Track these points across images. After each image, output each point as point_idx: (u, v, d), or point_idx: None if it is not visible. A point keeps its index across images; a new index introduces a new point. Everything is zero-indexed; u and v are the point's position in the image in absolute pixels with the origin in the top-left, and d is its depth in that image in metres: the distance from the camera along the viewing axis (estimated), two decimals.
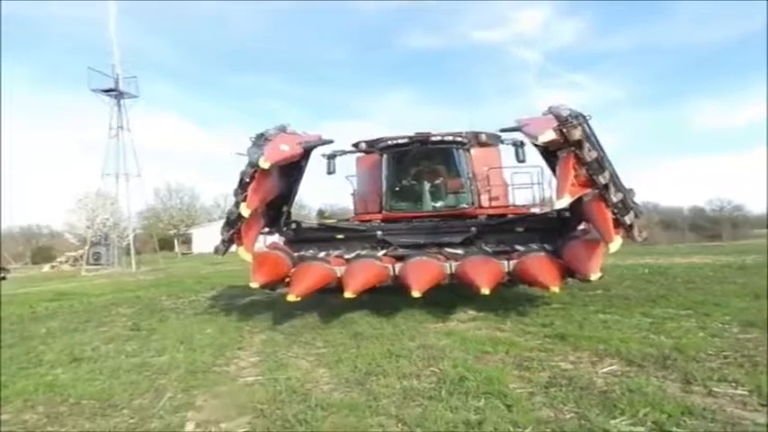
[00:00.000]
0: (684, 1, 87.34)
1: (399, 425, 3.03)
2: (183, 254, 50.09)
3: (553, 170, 6.78)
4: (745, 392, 3.32)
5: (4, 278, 24.83)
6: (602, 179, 5.51)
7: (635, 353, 4.35)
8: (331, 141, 7.85)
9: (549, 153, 6.55)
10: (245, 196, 5.94)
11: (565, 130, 5.26)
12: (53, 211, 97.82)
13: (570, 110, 5.49)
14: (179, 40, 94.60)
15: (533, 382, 3.73)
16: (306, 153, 7.19)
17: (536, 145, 6.51)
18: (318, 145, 7.52)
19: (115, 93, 27.60)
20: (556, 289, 5.89)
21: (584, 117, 5.47)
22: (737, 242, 34.76)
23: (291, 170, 7.27)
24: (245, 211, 5.90)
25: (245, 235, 6.41)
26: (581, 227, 7.14)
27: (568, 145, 5.43)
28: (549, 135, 5.31)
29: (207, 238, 49.41)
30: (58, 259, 35.95)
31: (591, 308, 6.69)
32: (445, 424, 2.96)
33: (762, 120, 76.86)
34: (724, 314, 5.92)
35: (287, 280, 6.61)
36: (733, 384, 3.48)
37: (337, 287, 6.45)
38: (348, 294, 5.97)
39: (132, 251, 29.08)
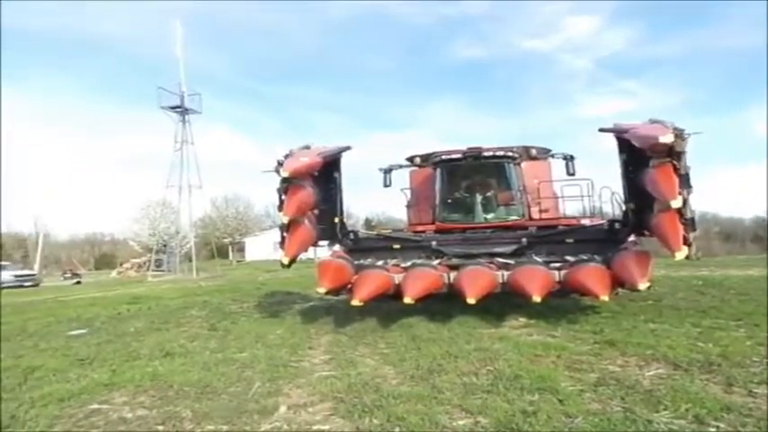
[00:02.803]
0: (736, 1, 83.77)
1: (463, 413, 3.48)
2: (238, 261, 51.98)
3: (629, 180, 7.15)
4: None
5: (79, 282, 26.74)
6: (685, 193, 5.83)
7: (681, 358, 4.62)
8: (349, 148, 8.02)
9: (634, 163, 6.87)
10: (281, 206, 6.95)
11: (680, 138, 5.59)
12: (113, 219, 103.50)
13: (672, 123, 5.84)
14: (227, 52, 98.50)
15: (583, 382, 4.09)
16: (332, 164, 7.86)
17: (626, 152, 6.98)
18: (338, 153, 7.95)
19: (181, 109, 29.36)
20: (605, 297, 6.18)
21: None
22: None
23: (326, 181, 7.95)
24: (282, 218, 6.93)
25: (288, 243, 7.21)
26: (631, 239, 7.39)
27: (670, 154, 5.77)
28: (669, 137, 5.55)
29: (259, 246, 51.34)
30: (125, 265, 38.16)
31: (641, 317, 6.90)
32: (504, 413, 3.38)
33: None
34: None
35: (349, 286, 7.16)
36: None
37: (396, 294, 6.96)
38: (407, 300, 6.46)
39: (194, 258, 30.59)
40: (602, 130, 7.03)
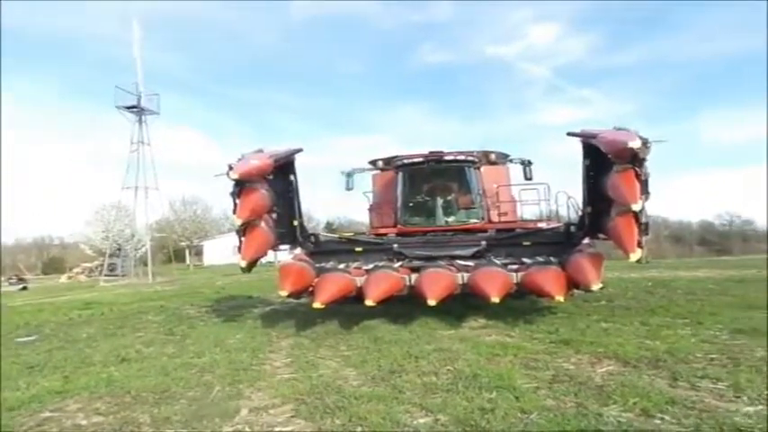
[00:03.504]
0: (693, 15, 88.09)
1: (424, 411, 3.54)
2: (195, 265, 50.81)
3: (589, 185, 7.37)
4: (724, 387, 3.80)
5: (25, 288, 25.56)
6: (643, 199, 6.06)
7: (631, 355, 4.84)
8: (300, 150, 8.09)
9: (596, 169, 7.08)
10: (235, 210, 6.95)
11: (644, 145, 5.80)
12: (63, 222, 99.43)
13: (636, 131, 6.05)
14: (190, 53, 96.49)
15: (539, 379, 4.23)
16: (286, 166, 7.84)
17: (589, 158, 7.15)
18: (290, 155, 7.94)
19: (137, 109, 28.54)
20: (560, 298, 6.39)
21: None
22: (746, 257, 34.91)
23: (281, 184, 7.92)
24: (236, 221, 6.94)
25: (245, 247, 7.19)
26: (585, 241, 7.66)
27: (633, 161, 5.97)
28: (637, 143, 5.72)
29: (218, 250, 50.35)
30: (75, 270, 36.71)
31: (594, 317, 7.17)
32: (462, 410, 3.47)
33: None
34: (716, 323, 6.38)
35: (310, 289, 7.15)
36: (714, 381, 3.96)
37: (357, 296, 6.99)
38: (369, 302, 6.51)
39: (150, 263, 29.75)
40: (570, 134, 7.24)
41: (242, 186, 6.91)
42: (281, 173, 7.81)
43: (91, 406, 4.08)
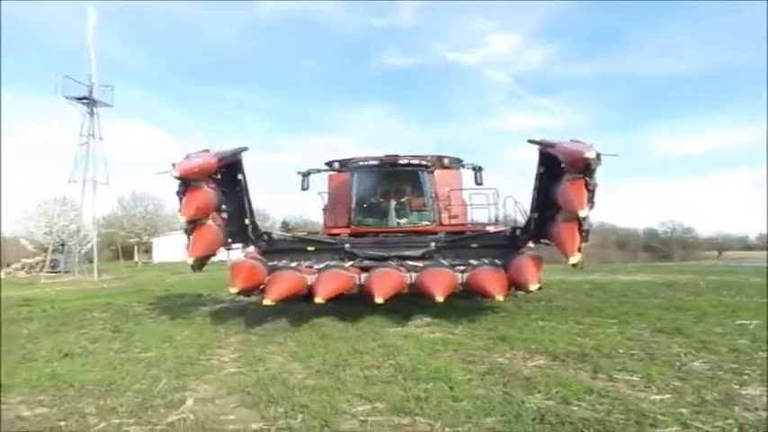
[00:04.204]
0: (646, 32, 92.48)
1: (363, 400, 3.76)
2: (144, 263, 49.39)
3: (540, 190, 7.61)
4: (638, 379, 4.20)
5: None
6: (589, 207, 6.41)
7: (560, 351, 5.22)
8: (246, 149, 7.97)
9: (548, 176, 7.36)
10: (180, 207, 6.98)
11: (598, 157, 6.13)
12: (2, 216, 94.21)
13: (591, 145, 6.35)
14: (149, 46, 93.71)
15: (473, 372, 4.52)
16: (233, 165, 7.83)
17: (544, 166, 7.38)
18: (235, 154, 7.86)
19: (88, 101, 27.50)
20: (500, 298, 6.75)
21: None
22: (685, 263, 36.94)
23: (230, 183, 7.93)
24: (180, 218, 7.00)
25: (192, 244, 7.22)
26: (529, 245, 8.06)
27: (585, 171, 6.29)
28: (593, 154, 6.04)
29: (169, 247, 49.04)
30: (14, 266, 34.99)
31: (532, 316, 7.59)
32: (399, 399, 3.70)
33: (719, 148, 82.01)
34: (642, 322, 6.90)
35: (262, 287, 7.24)
36: (630, 373, 4.36)
37: (308, 294, 7.14)
38: (318, 300, 6.69)
39: (95, 259, 28.74)
40: (531, 141, 7.52)
41: (187, 185, 6.93)
42: (229, 172, 7.81)
43: (34, 398, 4.07)
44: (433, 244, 8.56)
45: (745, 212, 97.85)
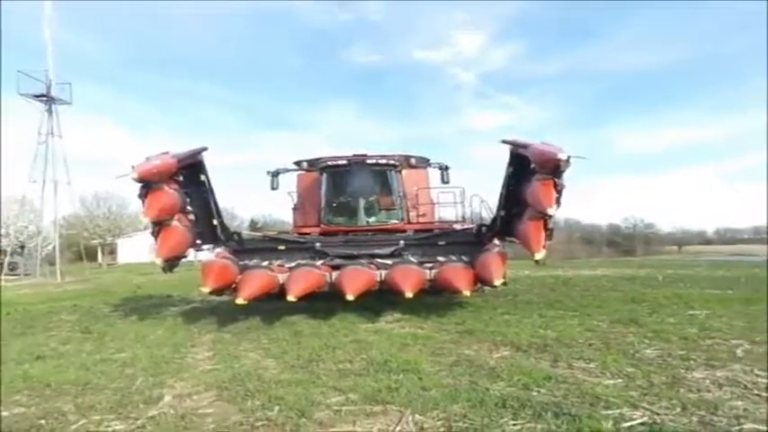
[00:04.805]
0: (608, 29, 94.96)
1: (337, 392, 3.94)
2: (109, 264, 48.19)
3: (508, 190, 7.78)
4: (593, 366, 4.51)
5: None
6: (557, 206, 6.68)
7: (524, 342, 5.51)
8: (205, 149, 7.88)
9: (517, 176, 7.55)
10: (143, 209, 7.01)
11: (567, 160, 6.36)
12: None
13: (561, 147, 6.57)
14: (115, 41, 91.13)
15: (442, 364, 4.75)
16: (195, 166, 7.79)
17: (514, 166, 7.53)
18: (195, 154, 7.79)
19: (46, 98, 26.70)
20: (467, 293, 7.02)
21: None
22: (647, 257, 38.30)
23: (193, 184, 7.90)
24: (143, 219, 7.13)
25: (159, 245, 7.24)
26: (494, 241, 8.34)
27: (554, 172, 6.53)
28: (564, 156, 6.27)
29: (134, 248, 48.03)
30: None
31: (498, 310, 7.89)
32: (371, 389, 3.91)
33: (679, 145, 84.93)
34: (601, 314, 7.29)
35: (234, 286, 7.33)
36: (587, 361, 4.67)
37: (280, 293, 7.26)
38: (290, 298, 6.82)
39: (58, 261, 27.98)
40: (504, 141, 7.71)
41: (148, 187, 6.93)
42: (191, 173, 7.78)
43: (10, 399, 4.10)
44: (402, 242, 8.77)
45: (708, 207, 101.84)
